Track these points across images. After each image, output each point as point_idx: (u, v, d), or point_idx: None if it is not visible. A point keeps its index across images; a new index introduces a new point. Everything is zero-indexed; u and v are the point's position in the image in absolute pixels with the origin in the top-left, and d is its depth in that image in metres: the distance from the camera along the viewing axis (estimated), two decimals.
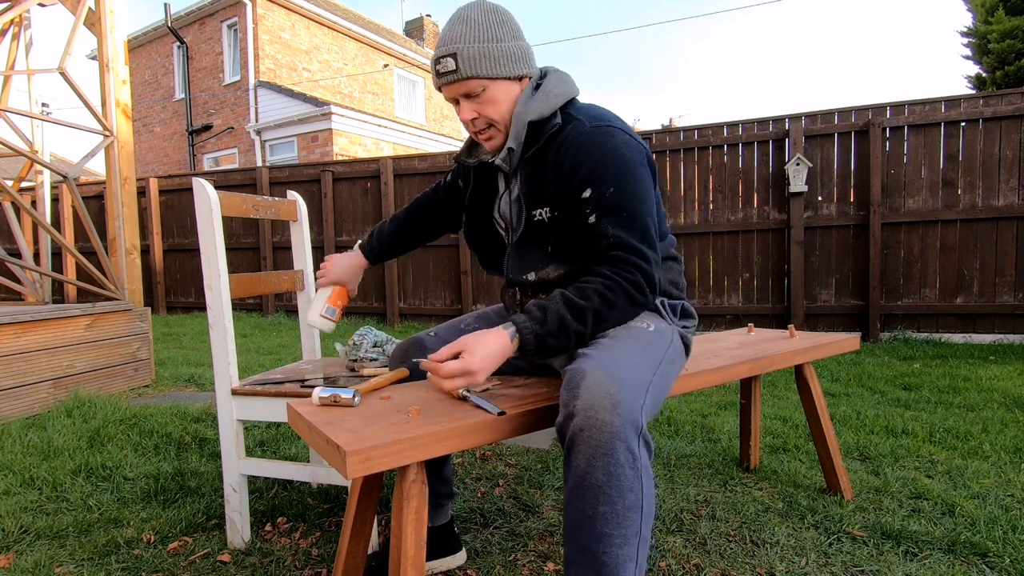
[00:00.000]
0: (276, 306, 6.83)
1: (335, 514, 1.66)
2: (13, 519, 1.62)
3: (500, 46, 1.09)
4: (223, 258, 1.44)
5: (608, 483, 0.85)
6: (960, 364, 3.51)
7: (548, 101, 1.14)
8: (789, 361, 1.58)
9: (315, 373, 1.54)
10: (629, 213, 1.07)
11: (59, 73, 3.17)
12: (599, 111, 1.15)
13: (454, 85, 1.10)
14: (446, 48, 1.09)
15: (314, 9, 12.50)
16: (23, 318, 2.80)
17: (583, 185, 1.08)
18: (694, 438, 2.26)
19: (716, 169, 4.95)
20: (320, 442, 0.91)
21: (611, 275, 1.04)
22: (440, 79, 1.12)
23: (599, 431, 0.85)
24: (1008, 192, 4.18)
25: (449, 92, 1.13)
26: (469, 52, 1.07)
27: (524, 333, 1.00)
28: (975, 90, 9.52)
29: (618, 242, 1.05)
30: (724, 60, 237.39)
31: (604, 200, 1.07)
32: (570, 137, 1.11)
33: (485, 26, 1.09)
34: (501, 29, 1.10)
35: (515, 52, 1.11)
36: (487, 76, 1.09)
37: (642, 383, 0.94)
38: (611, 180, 1.07)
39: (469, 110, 1.13)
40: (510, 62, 1.11)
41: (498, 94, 1.11)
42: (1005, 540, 1.41)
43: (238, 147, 12.26)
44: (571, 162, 1.10)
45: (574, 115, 1.14)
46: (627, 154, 1.09)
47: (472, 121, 1.14)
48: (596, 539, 0.87)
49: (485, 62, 1.08)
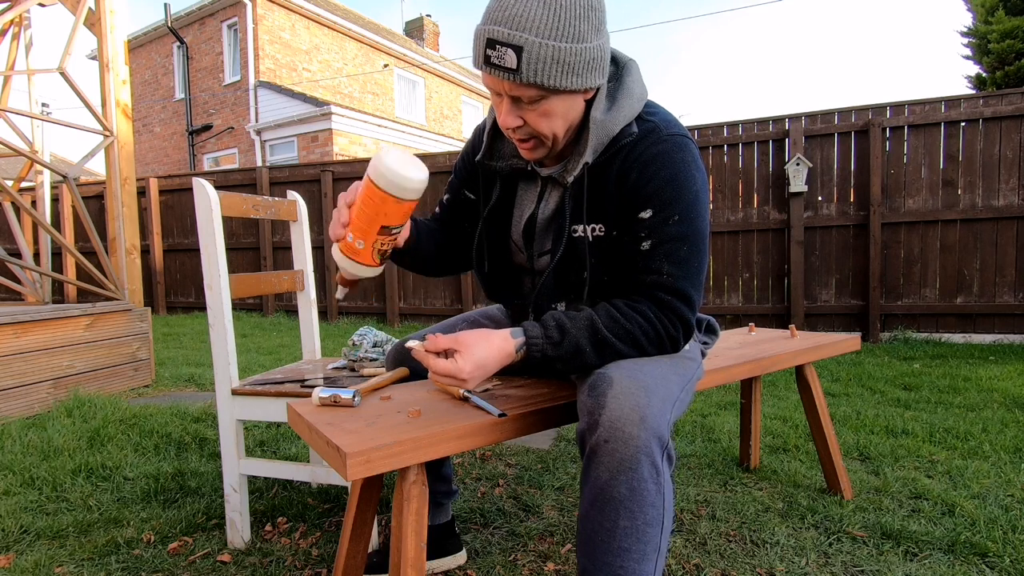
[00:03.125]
0: (276, 306, 6.83)
1: (335, 514, 1.66)
2: (13, 519, 1.62)
3: (581, 48, 0.85)
4: (223, 258, 1.44)
5: (630, 498, 0.81)
6: (960, 364, 3.51)
7: (632, 107, 0.96)
8: (790, 361, 1.58)
9: (315, 373, 1.54)
10: (690, 249, 0.94)
11: (59, 73, 3.17)
12: (672, 117, 1.00)
13: (506, 84, 0.87)
14: (510, 33, 0.82)
15: (314, 9, 12.50)
16: (23, 318, 2.80)
17: (645, 204, 0.93)
18: (694, 438, 2.26)
19: (716, 169, 4.95)
20: (320, 443, 0.91)
21: (654, 320, 0.93)
22: (489, 69, 0.86)
23: (625, 444, 0.80)
24: (1008, 192, 4.18)
25: (496, 86, 0.89)
26: (541, 52, 0.83)
27: (533, 349, 0.91)
28: (975, 90, 9.52)
29: (670, 284, 0.93)
30: (724, 60, 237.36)
31: (666, 227, 0.93)
32: (642, 145, 0.95)
33: (569, 14, 0.83)
34: (587, 21, 0.85)
35: (595, 58, 0.88)
36: (554, 88, 0.86)
37: (670, 397, 0.88)
38: (679, 206, 0.92)
39: (514, 116, 0.91)
40: (587, 72, 0.87)
41: (557, 107, 0.90)
42: (1005, 540, 1.41)
43: (238, 147, 12.27)
44: (640, 173, 0.94)
45: (646, 118, 0.98)
46: (698, 176, 0.95)
47: (514, 129, 0.93)
48: (614, 553, 0.83)
49: (557, 70, 0.84)
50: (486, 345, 0.89)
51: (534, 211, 1.08)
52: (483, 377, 0.89)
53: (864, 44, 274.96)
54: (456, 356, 0.87)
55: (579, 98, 0.93)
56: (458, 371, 0.86)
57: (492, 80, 0.89)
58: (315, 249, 6.32)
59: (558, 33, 0.83)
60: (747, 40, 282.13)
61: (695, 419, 2.48)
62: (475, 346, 0.88)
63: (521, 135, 0.95)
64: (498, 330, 0.93)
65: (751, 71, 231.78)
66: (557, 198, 1.05)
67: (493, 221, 1.12)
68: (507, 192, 1.11)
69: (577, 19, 0.84)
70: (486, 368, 0.89)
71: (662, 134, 0.95)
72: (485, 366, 0.88)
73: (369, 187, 0.92)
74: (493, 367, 0.90)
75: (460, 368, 0.86)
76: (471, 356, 0.87)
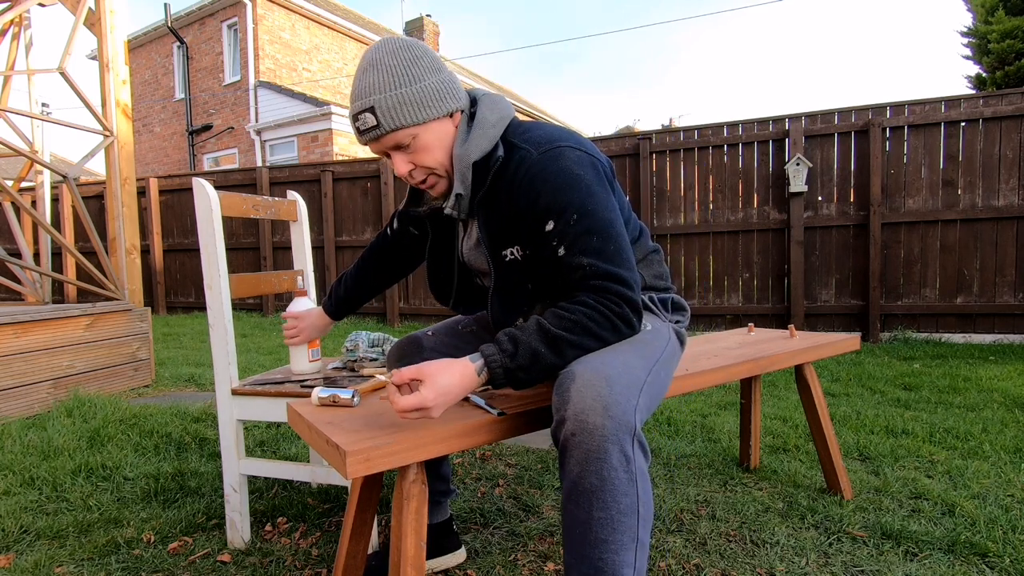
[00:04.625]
0: (276, 306, 6.83)
1: (335, 514, 1.66)
2: (13, 519, 1.62)
3: (419, 87, 0.98)
4: (223, 258, 1.44)
5: (602, 488, 0.84)
6: (960, 364, 3.51)
7: (487, 133, 1.04)
8: (789, 361, 1.58)
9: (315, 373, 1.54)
10: (600, 236, 0.98)
11: (59, 73, 3.17)
12: (542, 132, 1.06)
13: (380, 140, 1.00)
14: (361, 102, 0.98)
15: (314, 9, 12.50)
16: (23, 318, 2.80)
17: (544, 218, 0.99)
18: (694, 438, 2.26)
19: (716, 169, 4.95)
20: (320, 442, 0.91)
21: (595, 304, 0.96)
22: (363, 136, 1.01)
23: (590, 435, 0.83)
24: (1008, 192, 4.18)
25: (377, 148, 1.03)
26: (387, 102, 0.97)
27: (493, 366, 0.93)
28: (975, 90, 9.52)
29: (596, 271, 0.97)
30: (724, 60, 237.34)
31: (570, 229, 0.98)
32: (520, 170, 1.02)
33: (399, 69, 0.98)
34: (416, 67, 0.99)
35: (438, 89, 1.00)
36: (413, 123, 0.99)
37: (635, 383, 0.90)
38: (573, 206, 0.98)
39: (404, 163, 1.03)
40: (434, 101, 1.00)
41: (431, 139, 1.01)
42: (1005, 540, 1.41)
43: (238, 147, 12.27)
44: (526, 196, 1.01)
45: (518, 144, 1.04)
46: (581, 173, 1.00)
47: (410, 173, 1.05)
48: (592, 544, 0.85)
49: (407, 109, 0.98)
50: (448, 374, 0.90)
51: (464, 241, 1.19)
52: (447, 404, 0.91)
53: (864, 44, 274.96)
54: (421, 387, 0.88)
55: (448, 126, 1.04)
56: (422, 401, 0.87)
57: (373, 146, 1.02)
58: (315, 249, 6.32)
59: (395, 83, 0.98)
60: (747, 40, 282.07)
61: (695, 419, 2.48)
62: (438, 375, 0.90)
63: (418, 177, 1.06)
64: (459, 360, 0.94)
65: (751, 71, 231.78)
66: (477, 229, 1.14)
67: (436, 255, 1.24)
68: (443, 228, 1.22)
69: (408, 67, 0.99)
70: (450, 395, 0.90)
71: (533, 155, 1.01)
72: (449, 394, 0.90)
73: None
74: (458, 393, 0.91)
75: (424, 398, 0.88)
76: (434, 385, 0.89)
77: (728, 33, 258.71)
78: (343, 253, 6.45)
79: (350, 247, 6.40)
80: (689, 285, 5.09)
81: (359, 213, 6.34)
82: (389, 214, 6.10)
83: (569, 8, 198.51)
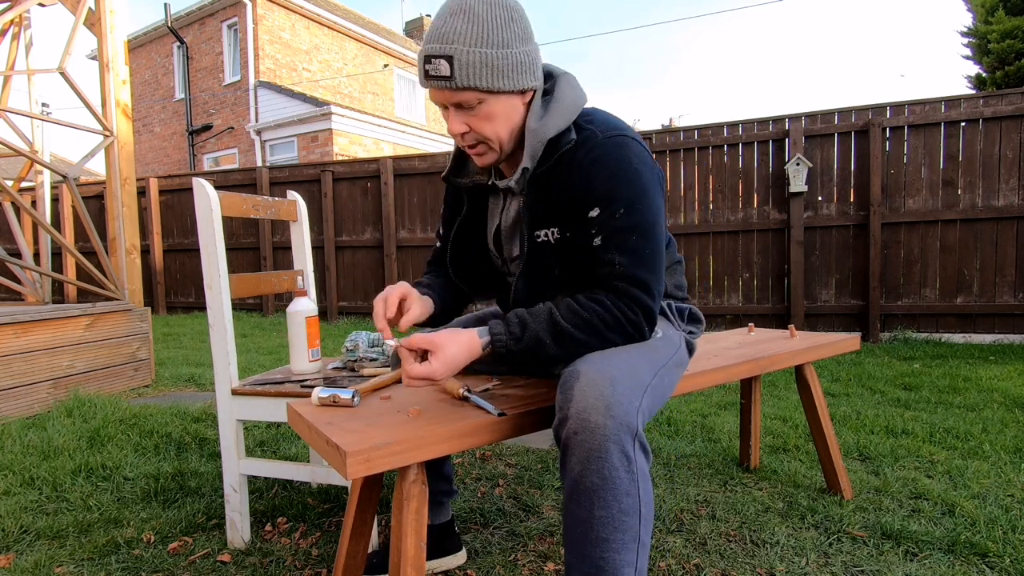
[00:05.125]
0: (276, 306, 6.83)
1: (335, 514, 1.66)
2: (13, 519, 1.62)
3: (506, 53, 0.93)
4: (223, 258, 1.44)
5: (603, 487, 0.84)
6: (960, 364, 3.51)
7: (564, 114, 1.01)
8: (790, 361, 1.58)
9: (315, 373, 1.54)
10: (640, 238, 0.97)
11: (59, 73, 3.17)
12: (611, 119, 1.05)
13: (445, 92, 0.95)
14: (440, 47, 0.92)
15: (314, 9, 12.50)
16: (23, 318, 2.80)
17: (592, 204, 0.98)
18: (694, 438, 2.26)
19: (716, 169, 4.95)
20: (320, 443, 0.91)
21: (611, 307, 0.96)
22: (429, 81, 0.95)
23: (592, 434, 0.83)
24: (1008, 192, 4.18)
25: (437, 98, 0.98)
26: (468, 58, 0.91)
27: (497, 345, 0.96)
28: (975, 90, 9.52)
29: (624, 271, 0.96)
30: (724, 60, 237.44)
31: (613, 221, 0.97)
32: (582, 150, 1.00)
33: (491, 26, 0.92)
34: (509, 31, 0.94)
35: (523, 61, 0.96)
36: (487, 89, 0.94)
37: (639, 385, 0.90)
38: (623, 200, 0.97)
39: (460, 123, 0.99)
40: (516, 74, 0.95)
41: (496, 109, 0.97)
42: (1005, 540, 1.41)
43: (238, 147, 12.27)
44: (582, 178, 0.99)
45: (582, 125, 1.03)
46: (641, 170, 0.99)
47: (462, 135, 1.00)
48: (593, 543, 0.85)
49: (486, 72, 0.93)
50: (456, 345, 0.94)
51: (499, 221, 1.16)
52: (452, 373, 0.95)
53: (864, 44, 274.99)
54: (431, 356, 0.93)
55: (517, 101, 0.99)
56: (431, 372, 0.92)
57: (435, 93, 0.97)
58: (315, 249, 6.32)
59: (483, 41, 0.92)
60: (747, 40, 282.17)
61: (695, 419, 2.48)
62: (447, 346, 0.94)
63: (469, 141, 1.02)
64: (467, 329, 0.98)
65: (751, 71, 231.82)
66: (516, 207, 1.12)
67: (470, 232, 1.20)
68: (477, 206, 1.19)
69: (499, 29, 0.93)
70: (455, 365, 0.94)
71: (599, 138, 1.00)
72: (455, 364, 0.94)
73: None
74: (463, 361, 0.95)
75: (433, 370, 0.92)
76: (443, 356, 0.93)
77: (728, 33, 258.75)
78: (343, 253, 6.45)
79: (350, 247, 6.40)
80: (689, 285, 5.07)
81: (359, 213, 6.34)
82: (389, 214, 6.11)
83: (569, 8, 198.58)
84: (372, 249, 6.31)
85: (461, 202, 1.20)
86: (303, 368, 1.53)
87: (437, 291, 1.20)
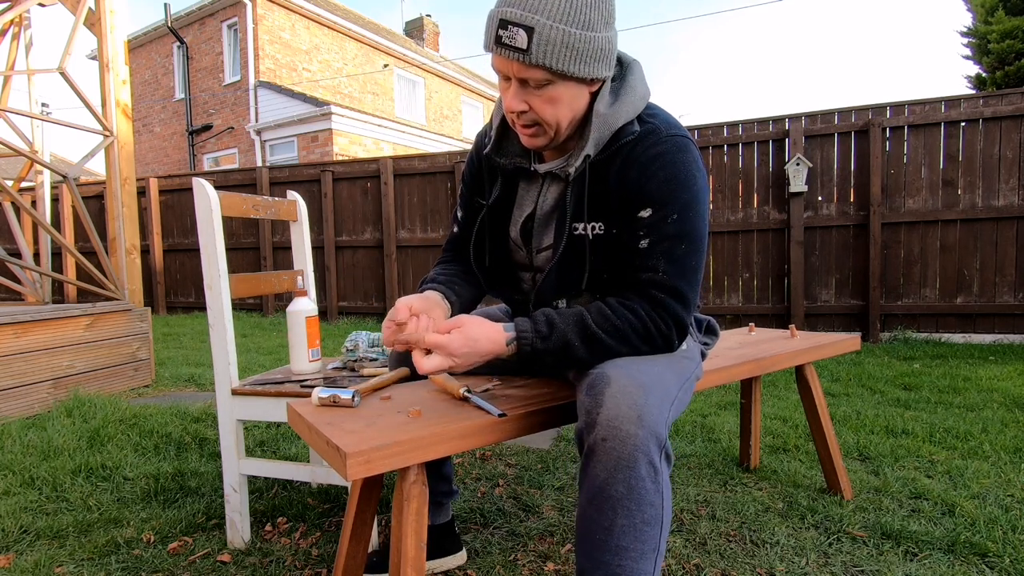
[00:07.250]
0: (276, 306, 6.83)
1: (335, 514, 1.66)
2: (13, 519, 1.62)
3: (590, 36, 0.87)
4: (223, 258, 1.44)
5: (628, 496, 0.82)
6: (960, 364, 3.51)
7: (635, 104, 0.97)
8: (790, 361, 1.58)
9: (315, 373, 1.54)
10: (687, 247, 0.94)
11: (59, 73, 3.17)
12: (672, 118, 1.01)
13: (515, 65, 0.88)
14: (522, 14, 0.84)
15: (314, 9, 12.49)
16: (23, 318, 2.80)
17: (645, 203, 0.95)
18: (694, 438, 2.26)
19: (716, 169, 4.95)
20: (320, 443, 0.91)
21: (645, 317, 0.93)
22: (500, 49, 0.87)
23: (622, 443, 0.81)
24: (1008, 192, 4.18)
25: (503, 66, 0.90)
26: (551, 34, 0.84)
27: (523, 343, 0.93)
28: (975, 90, 9.52)
29: (665, 282, 0.94)
30: (724, 60, 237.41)
31: (664, 226, 0.94)
32: (643, 144, 0.96)
33: (582, 3, 0.86)
34: (596, 11, 0.87)
35: (603, 48, 0.89)
36: (561, 71, 0.87)
37: (668, 396, 0.89)
38: (677, 205, 0.94)
39: (520, 100, 0.91)
40: (594, 61, 0.89)
41: (563, 94, 0.91)
42: (1005, 540, 1.41)
43: (238, 147, 12.26)
44: (640, 173, 0.95)
45: (647, 119, 0.99)
46: (697, 176, 0.96)
47: (519, 113, 0.94)
48: (612, 552, 0.83)
49: (566, 54, 0.86)
50: (479, 328, 0.93)
51: (533, 208, 1.09)
52: (469, 358, 0.92)
53: (864, 44, 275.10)
54: (454, 331, 0.92)
55: (584, 89, 0.94)
56: (448, 342, 0.90)
57: (501, 62, 0.89)
58: (315, 249, 6.32)
59: (569, 18, 0.85)
60: (747, 40, 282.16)
61: (695, 419, 2.48)
62: (471, 326, 0.93)
63: (525, 121, 0.95)
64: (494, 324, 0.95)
65: (751, 71, 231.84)
66: (556, 194, 1.06)
67: (495, 217, 1.12)
68: (508, 190, 1.12)
69: (588, 8, 0.86)
70: (474, 347, 0.92)
71: (662, 135, 0.96)
72: (475, 344, 0.92)
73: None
74: (481, 349, 0.92)
75: (450, 339, 0.90)
76: (464, 332, 0.91)
77: (728, 33, 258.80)
78: (343, 253, 6.45)
79: (350, 247, 6.40)
80: None
81: (359, 213, 6.34)
82: (389, 214, 6.10)
83: None
84: (372, 249, 6.31)
85: (486, 184, 1.13)
86: (303, 368, 1.53)
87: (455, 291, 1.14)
